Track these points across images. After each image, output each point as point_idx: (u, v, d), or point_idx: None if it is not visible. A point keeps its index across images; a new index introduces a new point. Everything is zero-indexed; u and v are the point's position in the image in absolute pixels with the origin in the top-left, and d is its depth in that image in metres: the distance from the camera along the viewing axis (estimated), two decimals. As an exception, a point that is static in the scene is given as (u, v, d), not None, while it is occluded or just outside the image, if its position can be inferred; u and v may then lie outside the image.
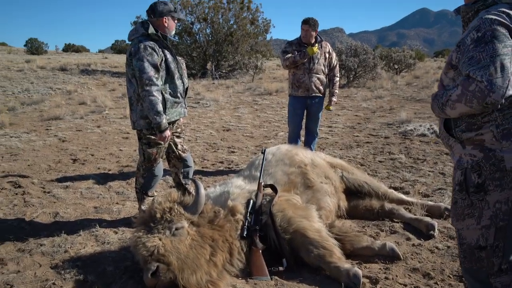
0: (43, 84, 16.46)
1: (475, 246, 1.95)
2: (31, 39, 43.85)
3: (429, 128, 8.01)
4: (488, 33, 1.77)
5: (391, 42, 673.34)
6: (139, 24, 3.80)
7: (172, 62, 3.80)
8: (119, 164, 6.20)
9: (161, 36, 3.74)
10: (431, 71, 23.91)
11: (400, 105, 12.23)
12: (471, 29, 1.86)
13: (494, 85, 1.70)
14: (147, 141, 3.80)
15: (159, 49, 3.68)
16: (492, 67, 1.71)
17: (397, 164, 5.91)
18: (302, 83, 5.50)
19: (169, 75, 3.77)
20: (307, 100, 5.60)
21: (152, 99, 3.53)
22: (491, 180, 1.86)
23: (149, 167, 3.91)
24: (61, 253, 3.43)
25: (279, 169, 3.77)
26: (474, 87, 1.74)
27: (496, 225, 1.87)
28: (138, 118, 3.74)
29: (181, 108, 3.92)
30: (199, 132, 8.63)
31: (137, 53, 3.57)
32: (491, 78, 1.70)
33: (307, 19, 5.46)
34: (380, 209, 3.96)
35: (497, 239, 1.89)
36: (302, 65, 5.45)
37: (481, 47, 1.77)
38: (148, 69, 3.54)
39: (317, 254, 2.98)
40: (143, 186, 3.97)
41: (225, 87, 17.40)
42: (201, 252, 2.90)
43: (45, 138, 7.91)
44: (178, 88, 3.84)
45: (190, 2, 23.08)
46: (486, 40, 1.77)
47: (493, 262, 1.92)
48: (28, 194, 4.83)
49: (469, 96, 1.77)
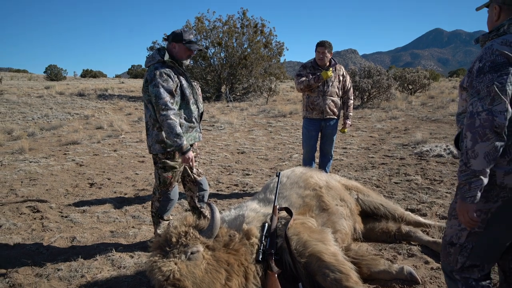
0: (61, 109, 16.82)
1: (448, 241, 2.21)
2: (51, 65, 45.04)
3: (445, 148, 7.94)
4: (488, 64, 1.95)
5: (405, 63, 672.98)
6: (155, 51, 3.89)
7: (187, 88, 3.87)
8: (135, 188, 6.25)
9: (176, 63, 3.83)
10: (446, 91, 23.81)
11: (415, 125, 12.16)
12: (477, 59, 2.03)
13: (494, 112, 1.88)
14: (163, 165, 3.84)
15: (175, 76, 3.76)
16: (489, 97, 1.90)
17: (413, 186, 5.85)
18: (317, 105, 5.50)
19: (184, 101, 3.83)
20: (321, 122, 5.60)
21: (170, 123, 3.59)
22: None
23: (165, 191, 3.94)
24: (78, 278, 3.46)
25: (293, 192, 3.76)
26: (479, 122, 1.90)
27: (471, 229, 2.08)
28: (153, 142, 3.79)
29: (196, 132, 3.97)
30: (213, 155, 8.68)
31: (153, 79, 3.65)
32: (490, 107, 1.89)
33: (322, 41, 5.49)
34: (397, 232, 3.90)
35: (467, 241, 2.12)
36: (317, 87, 5.46)
37: (480, 78, 1.95)
38: (163, 94, 3.60)
39: (334, 278, 2.94)
40: (159, 210, 3.99)
41: (239, 109, 17.53)
42: (216, 277, 2.88)
43: (63, 162, 8.04)
44: (193, 113, 3.90)
45: (205, 28, 23.52)
46: (484, 70, 1.95)
47: (457, 259, 2.16)
48: (46, 219, 4.90)
49: (480, 131, 1.89)
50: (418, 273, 3.21)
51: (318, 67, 5.53)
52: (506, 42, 1.96)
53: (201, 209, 4.18)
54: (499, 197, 1.98)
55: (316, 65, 5.55)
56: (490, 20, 2.21)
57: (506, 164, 1.96)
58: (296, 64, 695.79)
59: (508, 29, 2.04)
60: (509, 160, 1.96)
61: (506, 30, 2.04)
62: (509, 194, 1.96)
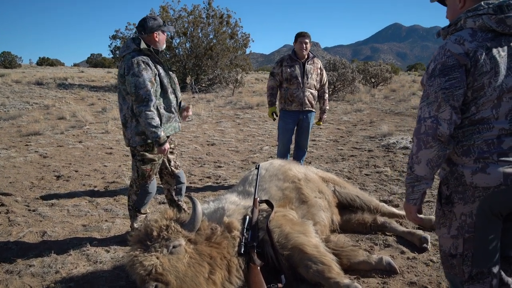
0: (19, 98, 16.11)
1: (448, 253, 2.06)
2: (4, 52, 43.00)
3: (411, 141, 8.15)
4: (438, 66, 1.90)
5: (366, 56, 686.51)
6: (129, 40, 3.79)
7: (165, 77, 3.80)
8: (104, 181, 6.09)
9: (153, 51, 3.74)
10: (407, 85, 24.49)
11: (380, 118, 12.45)
12: (432, 58, 1.97)
13: (439, 120, 1.87)
14: (141, 158, 3.76)
15: (152, 64, 3.68)
16: (436, 104, 1.88)
17: (384, 177, 5.99)
18: (296, 97, 5.47)
19: (163, 90, 3.76)
20: (299, 114, 5.58)
21: (149, 114, 3.52)
22: (455, 193, 1.98)
23: (143, 184, 3.86)
24: (52, 273, 3.34)
25: (273, 184, 3.77)
26: (424, 128, 1.90)
27: (463, 236, 1.97)
28: (133, 135, 3.70)
29: (175, 122, 3.91)
30: (183, 147, 8.57)
31: (131, 68, 3.55)
32: (436, 114, 1.88)
33: (303, 32, 5.43)
34: (373, 223, 3.99)
35: (465, 249, 1.98)
36: (296, 79, 5.43)
37: (431, 81, 1.91)
38: (143, 84, 3.52)
39: (316, 269, 2.97)
40: (136, 203, 3.91)
41: (205, 101, 17.38)
42: (199, 270, 2.85)
43: (26, 154, 7.72)
44: (172, 103, 3.84)
45: (170, 17, 23.11)
46: (435, 73, 1.90)
47: (463, 270, 2.01)
48: (12, 213, 4.69)
49: (424, 138, 1.91)
50: (396, 263, 3.29)
51: (296, 58, 5.48)
52: (460, 40, 1.87)
53: (179, 202, 4.13)
54: (475, 196, 1.91)
55: (295, 56, 5.50)
56: (453, 9, 2.05)
57: (472, 163, 1.92)
58: (259, 56, 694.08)
59: (464, 24, 1.92)
60: (474, 159, 1.91)
61: (463, 25, 1.92)
62: (483, 193, 1.89)
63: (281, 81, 5.56)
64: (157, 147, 3.64)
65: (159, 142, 3.59)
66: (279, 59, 5.71)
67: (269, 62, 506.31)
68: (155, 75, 3.68)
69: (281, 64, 5.56)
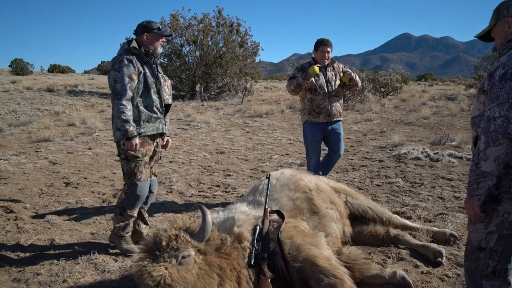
0: (30, 105, 16.26)
1: (476, 246, 2.21)
2: (16, 59, 43.56)
3: (423, 151, 8.07)
4: (510, 71, 2.03)
5: (375, 66, 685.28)
6: (125, 42, 3.91)
7: (151, 77, 3.86)
8: (113, 188, 6.07)
9: (142, 51, 3.82)
10: (417, 95, 24.36)
11: (390, 128, 12.35)
12: (499, 65, 2.09)
13: (510, 119, 1.97)
14: (125, 156, 3.77)
15: (137, 62, 3.76)
16: (508, 104, 1.98)
17: (395, 188, 5.90)
18: (323, 108, 5.09)
19: (146, 89, 3.82)
20: (327, 125, 5.20)
21: (120, 107, 3.59)
22: (506, 193, 2.11)
23: (132, 182, 3.83)
24: (60, 283, 3.30)
25: (284, 194, 3.70)
26: (494, 126, 2.00)
27: (500, 232, 2.12)
28: (115, 129, 3.77)
29: (159, 123, 3.93)
30: (192, 155, 8.54)
31: (114, 64, 3.70)
32: (507, 113, 1.98)
33: (324, 40, 5.07)
34: (385, 235, 3.90)
35: (497, 245, 2.14)
36: (321, 89, 5.08)
37: (502, 84, 2.03)
38: (121, 78, 3.62)
39: (328, 283, 2.89)
40: (123, 201, 3.88)
41: (214, 109, 17.40)
42: (209, 282, 2.79)
43: (35, 160, 7.73)
44: (154, 102, 3.87)
45: (180, 25, 23.25)
46: (506, 77, 2.03)
47: (489, 263, 2.16)
48: (21, 220, 4.67)
49: (493, 136, 2.00)
50: (409, 277, 3.20)
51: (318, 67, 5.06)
52: None
53: (141, 209, 4.10)
54: None
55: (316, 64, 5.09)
56: (504, 35, 2.27)
57: None
58: (268, 65, 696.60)
59: None
60: None
61: None
62: None
63: (303, 92, 5.18)
64: (126, 141, 3.64)
65: (126, 135, 3.61)
66: (299, 66, 5.28)
67: (278, 71, 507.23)
68: (140, 73, 3.76)
69: (303, 72, 5.10)
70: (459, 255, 3.57)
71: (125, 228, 3.89)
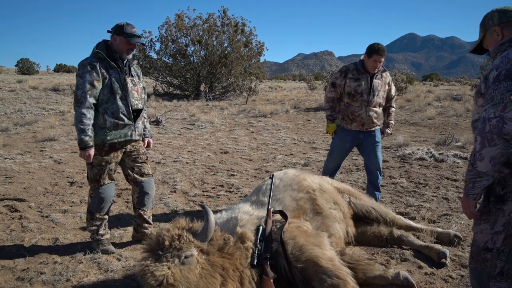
0: (35, 104, 16.34)
1: (483, 247, 2.20)
2: (23, 59, 43.79)
3: (427, 152, 8.03)
4: (503, 72, 2.04)
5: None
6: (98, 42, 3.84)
7: (116, 83, 3.72)
8: (117, 187, 6.06)
9: (105, 56, 3.69)
10: (422, 95, 24.22)
11: (395, 128, 12.29)
12: (493, 67, 2.11)
13: (505, 119, 1.96)
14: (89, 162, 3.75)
15: (101, 68, 3.67)
16: (502, 105, 1.98)
17: (399, 189, 5.88)
18: (358, 116, 4.77)
19: (112, 95, 3.71)
20: (360, 134, 4.89)
21: (79, 115, 3.55)
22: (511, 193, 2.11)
23: (95, 187, 3.84)
24: (63, 282, 3.31)
25: (287, 194, 3.70)
26: (489, 127, 2.00)
27: (507, 232, 2.12)
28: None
29: (128, 130, 3.81)
30: (196, 155, 8.55)
31: (78, 69, 3.67)
32: (502, 114, 1.97)
33: (379, 48, 4.61)
34: (389, 236, 3.89)
35: (504, 245, 2.13)
36: (360, 96, 4.72)
37: (496, 85, 2.05)
38: (82, 85, 3.57)
39: (331, 283, 2.88)
40: (91, 206, 3.89)
41: (219, 108, 17.41)
42: (211, 282, 2.79)
43: (40, 159, 7.77)
44: (120, 109, 3.74)
45: (185, 25, 23.29)
46: (500, 78, 2.05)
47: (496, 264, 2.15)
48: (25, 219, 4.69)
49: (488, 136, 2.00)
50: (413, 278, 3.18)
51: (364, 71, 4.74)
52: None
53: (140, 211, 4.09)
54: None
55: (363, 68, 4.75)
56: (495, 42, 2.34)
57: None
58: (273, 64, 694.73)
59: None
60: None
61: None
62: None
63: (341, 93, 4.87)
64: (80, 150, 3.61)
65: (81, 145, 3.57)
66: (343, 68, 4.94)
67: (282, 71, 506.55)
68: (105, 79, 3.67)
69: (345, 75, 4.81)
70: (463, 256, 3.55)
71: (98, 231, 3.88)
